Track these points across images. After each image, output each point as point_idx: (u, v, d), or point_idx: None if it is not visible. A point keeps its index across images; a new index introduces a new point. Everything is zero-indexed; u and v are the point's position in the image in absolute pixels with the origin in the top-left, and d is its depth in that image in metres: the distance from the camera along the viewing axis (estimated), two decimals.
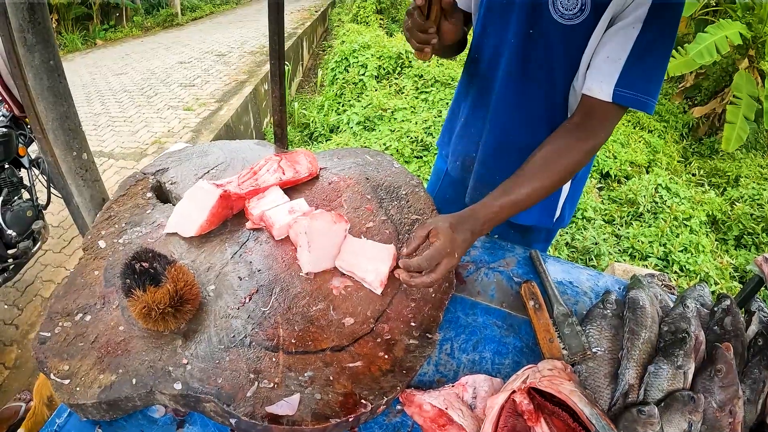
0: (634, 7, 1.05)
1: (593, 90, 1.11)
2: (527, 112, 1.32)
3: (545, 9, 1.14)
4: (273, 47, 1.61)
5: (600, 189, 5.21)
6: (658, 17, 1.04)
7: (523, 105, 1.32)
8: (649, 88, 1.08)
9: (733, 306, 1.11)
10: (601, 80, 1.10)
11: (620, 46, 1.07)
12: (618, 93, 1.08)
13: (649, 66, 1.08)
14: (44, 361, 0.92)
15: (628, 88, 1.07)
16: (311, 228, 1.10)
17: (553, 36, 1.17)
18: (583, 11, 1.10)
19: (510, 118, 1.35)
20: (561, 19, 1.13)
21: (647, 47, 1.06)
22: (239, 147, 1.59)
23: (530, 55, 1.23)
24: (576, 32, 1.13)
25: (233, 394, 0.87)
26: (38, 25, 1.46)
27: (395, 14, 11.80)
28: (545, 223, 1.53)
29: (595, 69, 1.12)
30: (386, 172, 1.49)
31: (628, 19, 1.05)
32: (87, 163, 1.73)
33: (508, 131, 1.38)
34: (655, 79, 1.09)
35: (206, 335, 0.98)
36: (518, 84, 1.29)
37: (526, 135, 1.34)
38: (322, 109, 6.93)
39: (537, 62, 1.23)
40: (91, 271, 1.13)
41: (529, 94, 1.29)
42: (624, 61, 1.07)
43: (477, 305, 1.20)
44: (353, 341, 0.98)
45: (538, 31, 1.18)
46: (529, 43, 1.21)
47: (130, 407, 0.90)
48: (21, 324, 3.07)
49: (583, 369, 1.00)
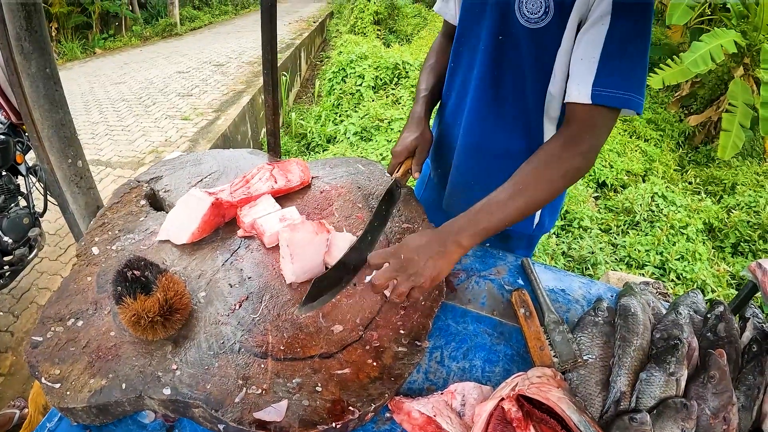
0: (598, 2, 1.02)
1: (572, 95, 1.08)
2: (500, 118, 1.32)
3: (512, 14, 1.14)
4: (266, 57, 1.63)
5: (596, 198, 5.22)
6: (626, 9, 1.01)
7: (495, 111, 1.31)
8: (629, 84, 1.03)
9: (727, 312, 1.10)
10: (578, 83, 1.07)
11: (591, 44, 1.04)
12: (597, 93, 1.03)
13: (626, 60, 1.04)
14: (36, 365, 0.92)
15: (607, 87, 1.03)
16: (292, 239, 1.10)
17: (521, 40, 1.17)
18: (548, 14, 1.09)
19: (483, 124, 1.35)
20: (527, 23, 1.13)
21: (620, 41, 1.02)
22: (233, 156, 1.59)
23: (501, 60, 1.23)
24: (542, 35, 1.13)
25: (222, 399, 0.86)
26: (35, 34, 1.47)
27: (392, 25, 11.90)
28: (525, 230, 1.53)
29: (573, 74, 1.09)
30: (378, 181, 1.50)
31: (595, 16, 1.03)
32: (82, 170, 1.74)
33: (481, 137, 1.37)
34: (635, 74, 1.05)
35: (196, 341, 0.98)
36: (491, 89, 1.28)
37: (500, 141, 1.34)
38: (319, 119, 6.97)
39: (508, 67, 1.23)
40: (84, 277, 1.13)
41: (502, 99, 1.29)
42: (598, 59, 1.03)
43: (468, 313, 1.20)
44: (342, 348, 0.98)
45: (507, 36, 1.19)
46: (499, 48, 1.21)
47: (119, 412, 0.90)
48: (16, 331, 3.06)
49: (574, 377, 0.99)
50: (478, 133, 1.37)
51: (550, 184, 1.07)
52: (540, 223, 1.52)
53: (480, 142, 1.38)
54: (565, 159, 1.07)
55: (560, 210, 1.59)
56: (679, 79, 5.95)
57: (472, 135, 1.38)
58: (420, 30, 11.47)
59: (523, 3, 1.12)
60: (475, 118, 1.35)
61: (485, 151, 1.38)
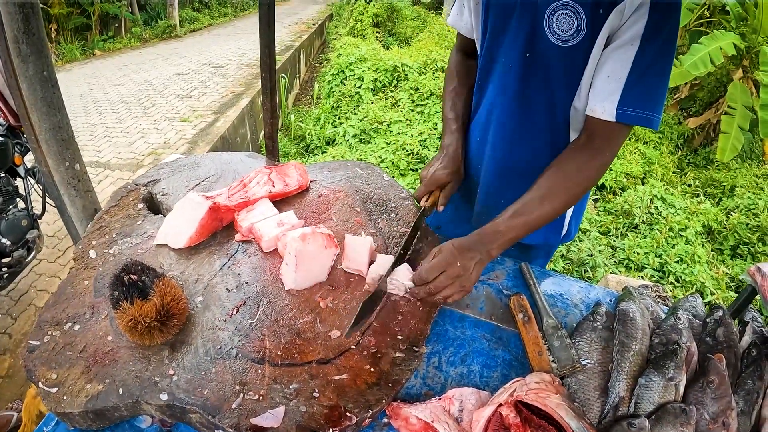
0: (631, 23, 1.04)
1: (596, 111, 1.11)
2: (528, 136, 1.32)
3: (542, 32, 1.14)
4: (264, 60, 1.63)
5: (595, 201, 5.22)
6: (656, 33, 1.03)
7: (524, 128, 1.32)
8: (652, 105, 1.08)
9: (726, 316, 1.10)
10: (603, 100, 1.09)
11: (620, 64, 1.07)
12: (621, 112, 1.08)
13: (651, 82, 1.08)
14: (33, 369, 0.92)
15: (631, 106, 1.07)
16: (302, 251, 1.10)
17: (551, 58, 1.17)
18: (579, 32, 1.09)
19: (511, 142, 1.35)
20: (558, 41, 1.13)
21: (647, 64, 1.05)
22: (231, 159, 1.59)
23: (530, 78, 1.23)
24: (573, 53, 1.13)
25: (219, 405, 0.86)
26: (32, 36, 1.47)
27: (392, 28, 11.90)
28: (553, 241, 1.54)
29: (597, 89, 1.11)
30: (376, 185, 1.50)
31: (626, 37, 1.05)
32: (79, 173, 1.73)
33: (509, 155, 1.38)
34: (658, 95, 1.09)
35: (193, 346, 0.97)
36: (519, 108, 1.29)
37: (528, 158, 1.35)
38: (318, 121, 6.97)
39: (536, 85, 1.23)
40: (81, 280, 1.13)
41: (530, 117, 1.29)
42: (625, 79, 1.06)
43: (466, 318, 1.19)
44: (339, 354, 0.98)
45: (536, 54, 1.18)
46: (528, 66, 1.21)
47: (116, 417, 0.90)
48: (14, 333, 3.06)
49: (572, 382, 0.99)
50: (505, 151, 1.38)
51: (571, 193, 1.14)
52: (567, 233, 1.53)
53: (508, 160, 1.39)
54: (586, 170, 1.14)
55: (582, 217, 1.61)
56: (678, 81, 5.94)
57: (499, 152, 1.39)
58: (419, 32, 11.47)
59: (554, 20, 1.11)
60: (502, 136, 1.36)
61: (514, 169, 1.38)
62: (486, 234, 1.11)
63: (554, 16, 1.11)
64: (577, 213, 1.51)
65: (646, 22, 1.02)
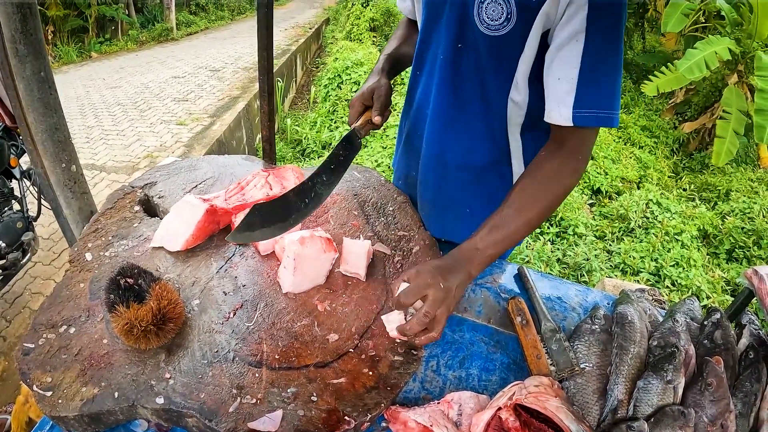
0: (569, 16, 0.99)
1: (553, 116, 1.07)
2: (462, 128, 1.29)
3: (471, 20, 1.10)
4: (262, 63, 1.63)
5: (591, 205, 5.23)
6: (599, 23, 0.98)
7: (457, 120, 1.28)
8: (609, 102, 1.03)
9: (723, 319, 1.10)
10: (558, 105, 1.05)
11: (568, 63, 1.02)
12: (577, 115, 1.03)
13: (603, 78, 1.03)
14: (27, 372, 0.92)
15: (587, 107, 1.02)
16: (300, 254, 1.09)
17: (481, 48, 1.13)
18: (510, 20, 1.05)
19: (445, 135, 1.32)
20: (487, 30, 1.09)
21: (595, 59, 1.00)
22: (228, 162, 1.58)
23: (461, 69, 1.20)
24: (504, 43, 1.09)
25: (216, 409, 0.86)
26: (30, 36, 1.46)
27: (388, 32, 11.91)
28: None
29: (551, 93, 1.07)
30: (373, 189, 1.49)
31: (568, 32, 1.00)
32: (76, 175, 1.73)
33: (444, 148, 1.35)
34: (612, 90, 1.04)
35: (190, 350, 0.97)
36: (451, 98, 1.26)
37: (463, 151, 1.32)
38: (314, 125, 6.98)
39: (468, 76, 1.20)
40: (77, 283, 1.12)
41: (463, 109, 1.26)
42: (576, 79, 1.01)
43: (464, 321, 1.19)
44: (337, 357, 0.97)
45: (467, 44, 1.15)
46: (459, 56, 1.18)
47: (112, 421, 0.89)
48: (9, 336, 3.05)
49: (571, 385, 0.99)
50: (440, 144, 1.35)
51: (547, 202, 1.08)
52: None
53: (442, 152, 1.35)
54: (559, 177, 1.08)
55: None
56: (674, 86, 5.99)
57: (434, 145, 1.36)
58: None
59: (483, 9, 1.07)
60: (436, 128, 1.33)
61: (449, 162, 1.35)
62: (463, 252, 1.04)
63: (483, 4, 1.07)
64: None
65: (587, 13, 0.97)
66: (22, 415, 1.53)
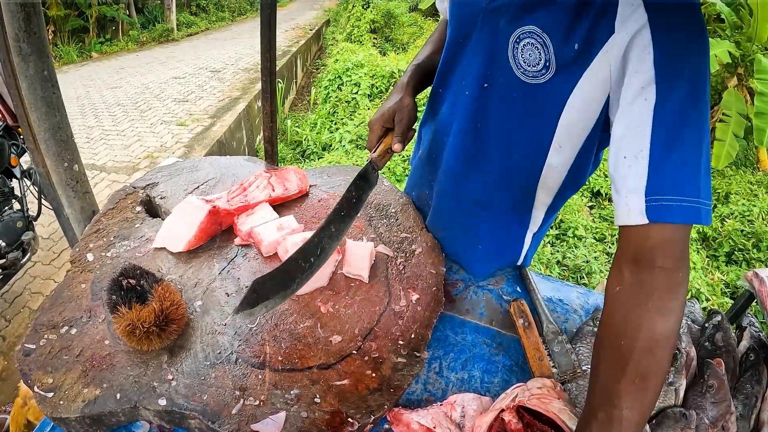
0: (635, 66, 0.75)
1: (621, 215, 0.78)
2: (482, 172, 1.16)
3: (505, 62, 0.95)
4: (265, 64, 1.63)
5: (591, 207, 5.24)
6: (676, 70, 0.73)
7: (477, 162, 1.15)
8: (694, 184, 0.73)
9: (724, 322, 1.11)
10: (626, 195, 0.77)
11: (634, 132, 0.76)
12: (652, 206, 0.74)
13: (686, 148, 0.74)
14: (28, 373, 0.91)
15: (665, 192, 0.73)
16: None
17: (513, 93, 0.97)
18: (549, 69, 0.88)
19: (463, 172, 1.20)
20: (523, 75, 0.93)
21: (674, 119, 0.73)
22: (229, 163, 1.59)
23: (487, 112, 1.05)
24: (540, 93, 0.93)
25: (218, 411, 0.85)
26: (33, 35, 1.46)
27: (389, 34, 11.94)
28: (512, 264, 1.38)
29: (617, 180, 0.80)
30: (376, 190, 1.49)
31: (633, 87, 0.76)
32: (78, 174, 1.73)
33: (460, 184, 1.22)
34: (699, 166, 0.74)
35: (192, 351, 0.96)
36: (472, 140, 1.12)
37: (480, 191, 1.20)
38: (314, 126, 6.98)
39: (493, 120, 1.06)
40: (78, 284, 1.12)
41: (483, 151, 1.12)
42: (648, 153, 0.74)
43: (466, 324, 1.19)
44: (340, 359, 0.97)
45: (494, 86, 1.01)
46: (484, 98, 1.04)
47: (114, 422, 0.89)
48: (8, 335, 3.05)
49: (573, 387, 0.99)
50: (457, 179, 1.23)
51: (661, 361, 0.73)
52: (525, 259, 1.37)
53: (458, 186, 1.23)
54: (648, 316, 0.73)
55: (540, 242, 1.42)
56: None
57: (450, 178, 1.25)
58: (416, 39, 11.52)
59: (518, 50, 0.91)
60: (454, 164, 1.21)
61: (464, 196, 1.23)
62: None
63: (519, 44, 0.90)
64: (532, 249, 1.34)
65: (653, 55, 0.73)
66: (20, 418, 1.53)
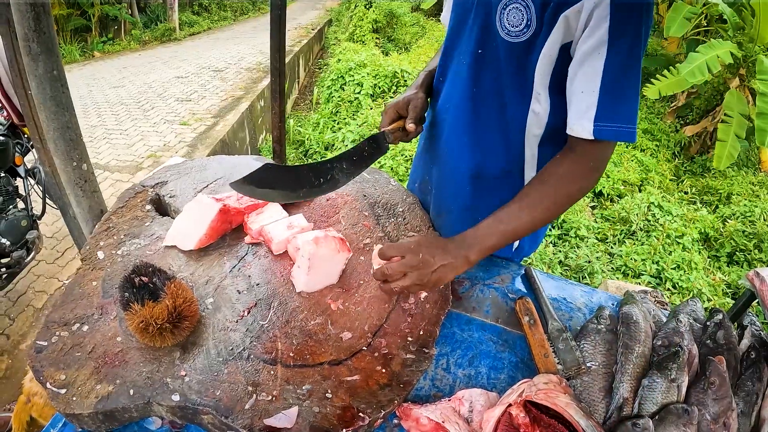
0: (592, 28, 0.98)
1: (575, 129, 1.06)
2: (478, 137, 1.29)
3: (493, 27, 1.11)
4: (274, 64, 1.63)
5: (593, 208, 5.25)
6: (622, 35, 0.97)
7: (474, 129, 1.28)
8: (629, 115, 1.03)
9: (726, 320, 1.12)
10: (580, 117, 1.04)
11: (590, 76, 1.01)
12: (598, 128, 1.02)
13: (624, 92, 1.03)
14: (40, 370, 0.92)
15: (607, 121, 1.02)
16: (316, 253, 1.10)
17: (501, 55, 1.13)
18: (529, 27, 1.06)
19: (462, 143, 1.32)
20: (507, 36, 1.09)
21: (617, 72, 1.00)
22: (238, 162, 1.60)
23: (481, 76, 1.20)
24: (522, 50, 1.09)
25: (231, 406, 0.87)
26: (43, 35, 1.47)
27: (391, 33, 11.94)
28: (504, 254, 1.48)
29: (573, 106, 1.07)
30: (383, 190, 1.51)
31: (590, 44, 0.99)
32: (86, 173, 1.73)
33: (459, 156, 1.34)
34: (631, 104, 1.04)
35: (204, 348, 0.98)
36: (470, 106, 1.26)
37: (477, 161, 1.31)
38: (317, 126, 6.98)
39: (487, 84, 1.20)
40: (89, 281, 1.13)
41: (481, 117, 1.26)
42: (597, 92, 1.01)
43: (472, 321, 1.21)
44: (351, 355, 0.99)
45: (488, 51, 1.16)
46: (479, 63, 1.19)
47: (126, 418, 0.90)
48: (12, 334, 3.05)
49: (577, 383, 1.00)
50: (456, 152, 1.34)
51: (555, 204, 1.09)
52: (519, 248, 1.49)
53: (458, 161, 1.35)
54: (570, 182, 1.08)
55: (542, 238, 1.54)
56: (676, 89, 6.00)
57: (450, 153, 1.36)
58: (418, 39, 11.53)
59: (505, 15, 1.08)
60: (454, 136, 1.33)
61: (463, 171, 1.35)
62: (465, 239, 1.07)
63: (505, 10, 1.07)
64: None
65: (609, 25, 0.96)
66: (23, 414, 1.54)
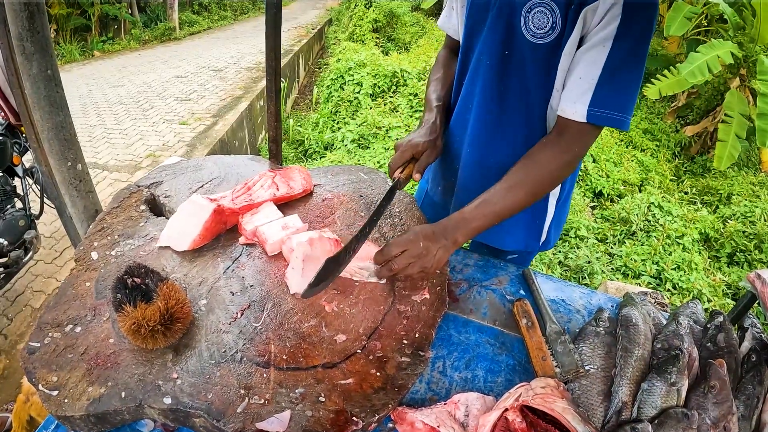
0: (603, 25, 1.04)
1: (567, 111, 1.12)
2: (505, 135, 1.32)
3: (517, 29, 1.15)
4: (269, 64, 1.63)
5: (593, 208, 5.24)
6: (628, 33, 1.03)
7: (500, 127, 1.32)
8: (623, 106, 1.08)
9: (726, 322, 1.11)
10: (574, 101, 1.10)
11: (591, 65, 1.07)
12: (592, 113, 1.08)
13: (622, 83, 1.08)
14: (33, 371, 0.91)
15: (602, 107, 1.07)
16: (309, 254, 1.10)
17: (526, 56, 1.18)
18: (554, 29, 1.10)
19: (488, 141, 1.35)
20: (533, 38, 1.14)
21: (618, 64, 1.05)
22: (234, 162, 1.59)
23: (505, 76, 1.24)
24: (548, 51, 1.14)
25: (223, 409, 0.86)
26: (37, 34, 1.46)
27: (391, 33, 11.94)
28: (531, 247, 1.52)
29: (569, 89, 1.12)
30: (380, 190, 1.49)
31: (598, 37, 1.05)
32: (81, 173, 1.73)
33: (486, 154, 1.37)
34: (629, 96, 1.09)
35: (197, 350, 0.97)
36: (495, 106, 1.29)
37: (505, 157, 1.32)
38: (317, 126, 6.98)
39: (512, 83, 1.24)
40: (83, 282, 1.12)
41: (507, 115, 1.29)
42: (596, 80, 1.06)
43: (469, 323, 1.20)
44: (345, 358, 0.97)
45: (512, 52, 1.19)
46: (504, 64, 1.22)
47: (118, 421, 0.89)
48: (10, 334, 3.05)
49: (576, 387, 0.99)
50: (482, 149, 1.37)
51: (536, 186, 1.16)
52: (546, 240, 1.52)
53: (484, 157, 1.38)
54: (552, 165, 1.15)
55: (564, 223, 1.59)
56: (676, 89, 5.99)
57: (476, 150, 1.38)
58: (418, 38, 11.52)
59: (530, 18, 1.12)
60: (479, 133, 1.35)
61: (491, 169, 1.36)
62: (452, 221, 1.13)
63: (530, 13, 1.11)
64: (556, 221, 1.50)
65: (619, 23, 1.02)
66: (23, 414, 1.53)
